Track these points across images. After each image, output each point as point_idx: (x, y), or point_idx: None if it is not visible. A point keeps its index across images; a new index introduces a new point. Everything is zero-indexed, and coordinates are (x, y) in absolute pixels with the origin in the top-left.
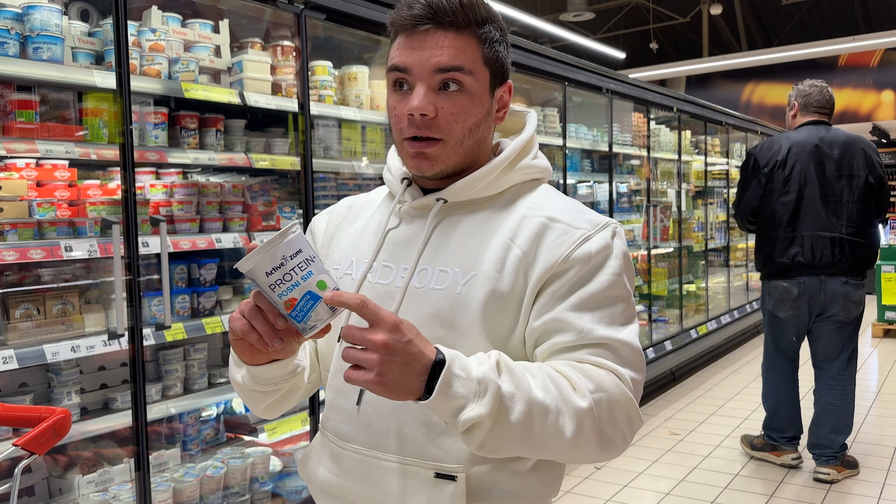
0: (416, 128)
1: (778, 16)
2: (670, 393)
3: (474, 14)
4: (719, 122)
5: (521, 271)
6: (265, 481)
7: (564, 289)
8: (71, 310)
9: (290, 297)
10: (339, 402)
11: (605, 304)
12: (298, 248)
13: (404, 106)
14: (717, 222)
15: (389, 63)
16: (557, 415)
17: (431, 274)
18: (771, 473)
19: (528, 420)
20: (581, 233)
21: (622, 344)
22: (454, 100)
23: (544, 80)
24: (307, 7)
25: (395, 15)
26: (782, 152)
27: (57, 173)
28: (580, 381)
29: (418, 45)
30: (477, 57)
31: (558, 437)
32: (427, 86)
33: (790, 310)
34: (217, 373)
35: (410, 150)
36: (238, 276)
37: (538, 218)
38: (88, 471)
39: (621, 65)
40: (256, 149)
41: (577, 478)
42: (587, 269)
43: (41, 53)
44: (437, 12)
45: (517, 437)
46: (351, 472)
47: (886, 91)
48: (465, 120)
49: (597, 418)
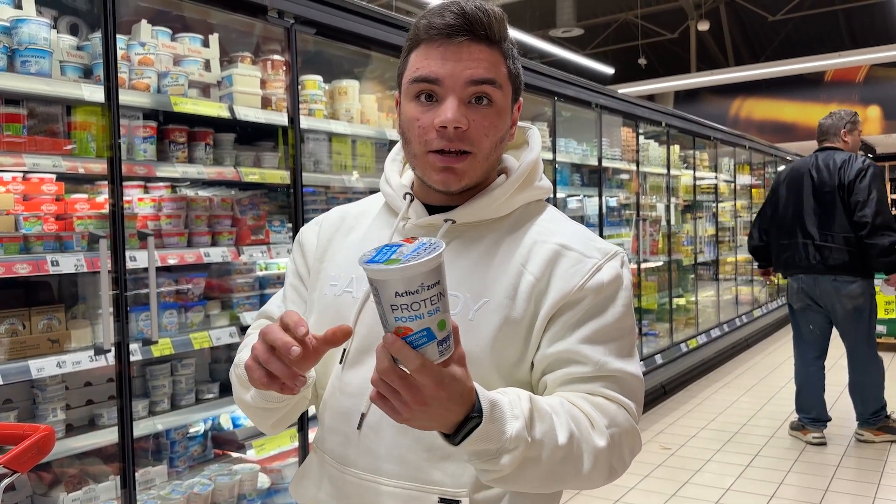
0: (447, 140)
1: (765, 32)
2: (661, 407)
3: (501, 29)
4: (707, 136)
5: (532, 298)
6: (253, 498)
7: (576, 318)
8: (57, 325)
9: (406, 327)
10: (337, 424)
11: (617, 337)
12: (437, 279)
13: (431, 117)
14: (706, 236)
15: (414, 74)
16: (579, 456)
17: None
18: (761, 488)
19: (550, 464)
20: (594, 262)
21: (630, 376)
22: (484, 113)
23: (534, 95)
24: (297, 21)
25: (424, 23)
26: None
27: (44, 187)
28: (598, 418)
29: (452, 56)
30: (504, 72)
31: (576, 474)
32: (459, 98)
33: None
34: (205, 388)
35: (438, 164)
36: (226, 290)
37: (550, 244)
38: (73, 488)
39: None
40: (246, 163)
41: (568, 493)
42: (599, 299)
43: (29, 67)
44: (474, 24)
45: (535, 478)
46: (350, 496)
47: (872, 106)
48: (494, 134)
49: (610, 453)
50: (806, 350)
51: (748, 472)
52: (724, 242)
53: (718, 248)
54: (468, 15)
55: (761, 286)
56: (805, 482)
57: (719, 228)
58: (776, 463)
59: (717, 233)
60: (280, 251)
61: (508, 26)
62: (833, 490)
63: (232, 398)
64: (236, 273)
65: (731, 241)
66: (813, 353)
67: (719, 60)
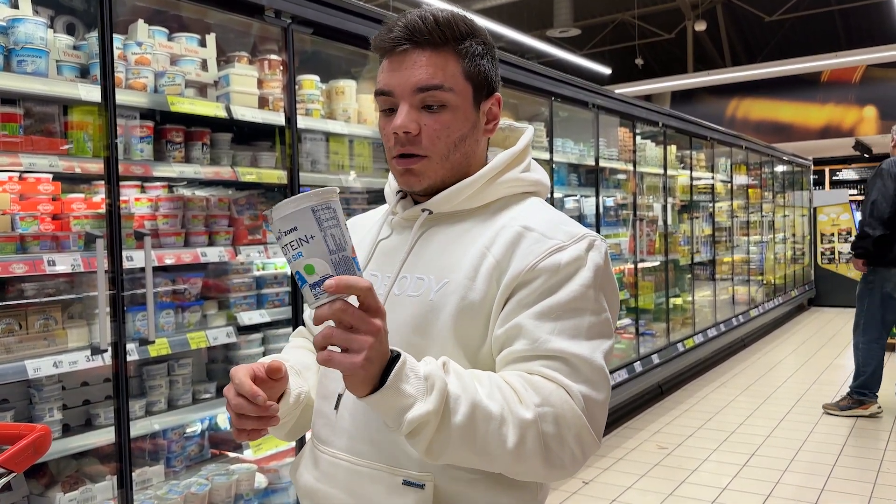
0: (401, 145)
1: (761, 32)
2: (658, 406)
3: (451, 31)
4: (704, 136)
5: (493, 279)
6: (250, 498)
7: (530, 298)
8: (54, 325)
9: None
10: (321, 406)
11: (569, 316)
12: (294, 226)
13: (390, 125)
14: (702, 236)
15: (376, 88)
16: (501, 422)
17: (409, 281)
18: (758, 487)
19: (471, 423)
20: (554, 243)
21: (580, 359)
22: (436, 117)
23: (531, 95)
24: (294, 21)
25: (376, 39)
26: None
27: (40, 187)
28: (526, 394)
29: (398, 66)
30: (457, 73)
31: (500, 445)
32: (409, 104)
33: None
34: (202, 388)
35: (399, 168)
36: (223, 290)
37: (514, 227)
38: (70, 488)
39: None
40: (243, 162)
41: (565, 493)
42: (555, 279)
43: (25, 66)
44: (413, 32)
45: (461, 440)
46: (329, 476)
47: (868, 106)
48: (449, 136)
49: (541, 432)
50: (881, 334)
51: (745, 471)
52: (721, 242)
53: (715, 248)
54: (408, 24)
55: (758, 286)
56: (802, 481)
57: (716, 228)
58: (773, 462)
59: (714, 233)
60: (277, 251)
61: (487, 25)
62: (829, 489)
63: None
64: (233, 273)
65: (727, 241)
66: (885, 336)
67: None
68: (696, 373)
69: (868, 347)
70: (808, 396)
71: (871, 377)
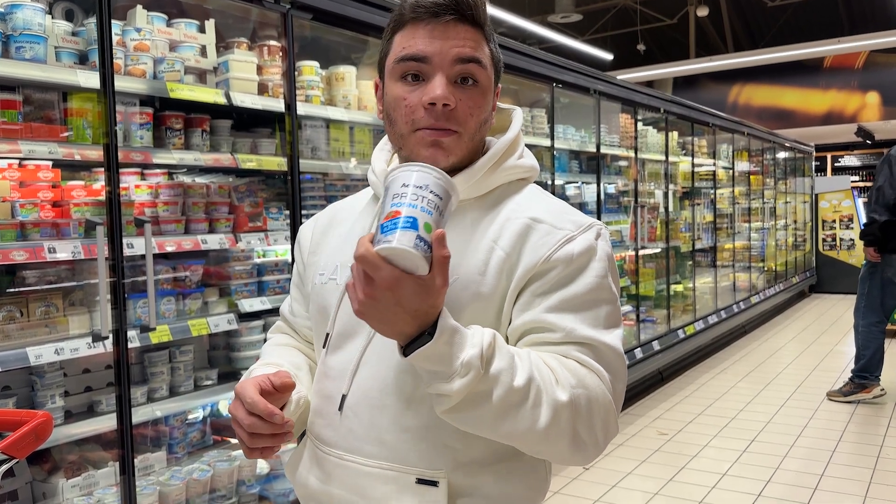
0: (434, 118)
1: (764, 18)
2: (658, 393)
3: (484, 12)
4: (706, 123)
5: (503, 273)
6: (252, 484)
7: (544, 288)
8: (55, 312)
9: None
10: (321, 407)
11: (589, 307)
12: (441, 196)
13: (419, 96)
14: (704, 223)
15: (400, 53)
16: (537, 404)
17: None
18: (758, 473)
19: (503, 405)
20: (564, 234)
21: (606, 347)
22: (470, 93)
23: (532, 81)
24: (294, 7)
25: (411, 2)
26: None
27: (40, 174)
28: (563, 375)
29: (440, 35)
30: (488, 53)
31: (531, 425)
32: (446, 76)
33: None
34: (203, 375)
35: (427, 139)
36: (224, 277)
37: (521, 219)
38: (73, 474)
39: (609, 66)
40: (243, 149)
41: (566, 478)
42: (569, 270)
43: (24, 53)
44: (461, 3)
45: (487, 416)
46: (334, 477)
47: (871, 92)
48: (479, 114)
49: (574, 414)
50: (881, 319)
51: (745, 457)
52: (723, 229)
53: (716, 235)
54: None
55: (759, 273)
56: (801, 467)
57: (717, 215)
58: (773, 448)
59: (716, 219)
60: (277, 238)
61: (489, 10)
62: (829, 475)
63: (230, 384)
64: (234, 260)
65: (728, 228)
66: (885, 321)
67: (718, 46)
68: (697, 359)
69: (868, 331)
70: (809, 383)
71: (871, 360)
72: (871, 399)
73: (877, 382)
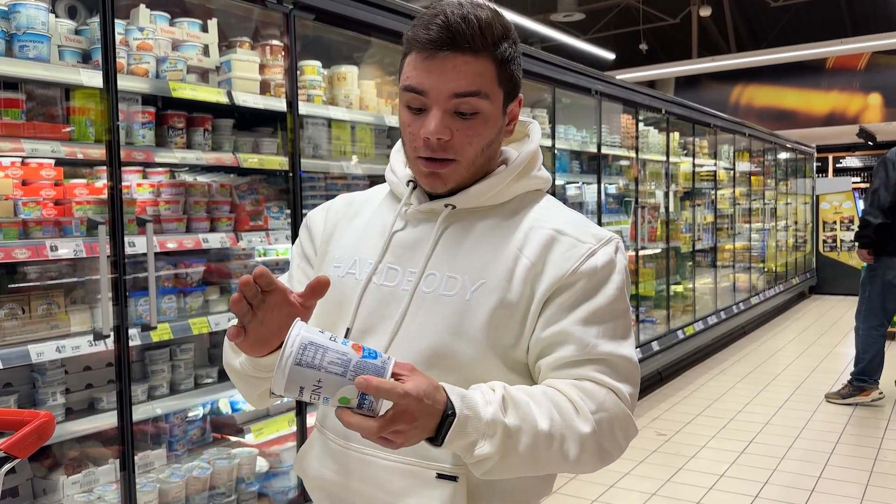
0: (431, 150)
1: (766, 18)
2: (657, 393)
3: (491, 35)
4: (707, 123)
5: (528, 282)
6: (252, 482)
7: (570, 300)
8: (56, 309)
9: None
10: None
11: (609, 318)
12: (300, 387)
13: (419, 127)
14: (704, 223)
15: (404, 82)
16: (562, 441)
17: (439, 279)
18: (755, 474)
19: (533, 450)
20: (588, 247)
21: (622, 359)
22: (469, 123)
23: (533, 82)
24: (296, 7)
25: (412, 33)
26: None
27: (43, 172)
28: (582, 404)
29: (436, 70)
30: (493, 79)
31: (562, 460)
32: (443, 110)
33: None
34: (203, 373)
35: (424, 169)
36: (225, 275)
37: (545, 230)
38: (73, 471)
39: (611, 66)
40: (244, 148)
41: (564, 477)
42: (593, 282)
43: (27, 51)
44: (456, 37)
45: (522, 464)
46: (352, 470)
47: (873, 94)
48: (479, 142)
49: (599, 437)
50: (882, 322)
51: (742, 458)
52: (723, 230)
53: (717, 236)
54: (451, 27)
55: (759, 274)
56: (799, 469)
57: (718, 216)
58: (770, 449)
59: (716, 220)
60: (278, 237)
61: (506, 14)
62: (826, 477)
63: (230, 383)
64: (235, 258)
65: (729, 229)
66: (886, 324)
67: (721, 46)
68: (696, 360)
69: (868, 334)
70: (808, 384)
71: (871, 364)
72: (870, 402)
73: (875, 386)
